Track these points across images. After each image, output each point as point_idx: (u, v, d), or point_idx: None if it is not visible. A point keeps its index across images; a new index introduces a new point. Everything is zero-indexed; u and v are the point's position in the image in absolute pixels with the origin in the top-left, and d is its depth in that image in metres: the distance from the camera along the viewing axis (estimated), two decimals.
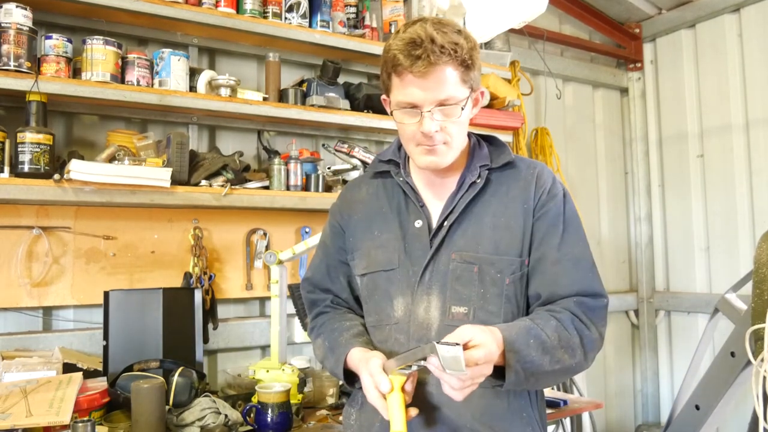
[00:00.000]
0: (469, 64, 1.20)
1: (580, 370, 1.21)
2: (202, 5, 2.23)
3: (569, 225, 1.27)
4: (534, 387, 1.26)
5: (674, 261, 3.80)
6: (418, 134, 1.22)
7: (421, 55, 1.15)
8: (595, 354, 1.22)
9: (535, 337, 1.13)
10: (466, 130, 1.29)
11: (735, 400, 2.08)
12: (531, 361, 1.12)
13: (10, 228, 2.06)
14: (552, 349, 1.14)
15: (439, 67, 1.16)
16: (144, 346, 2.06)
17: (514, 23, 2.44)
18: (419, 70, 1.16)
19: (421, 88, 1.17)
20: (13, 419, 1.52)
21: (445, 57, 1.16)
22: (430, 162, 1.25)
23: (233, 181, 2.22)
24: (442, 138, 1.22)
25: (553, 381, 1.22)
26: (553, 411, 2.20)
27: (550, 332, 1.15)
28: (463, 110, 1.22)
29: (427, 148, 1.23)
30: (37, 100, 1.90)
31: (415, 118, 1.21)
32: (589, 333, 1.20)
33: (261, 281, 2.53)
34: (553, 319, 1.18)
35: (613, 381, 3.84)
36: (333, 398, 2.20)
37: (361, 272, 1.35)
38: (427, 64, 1.15)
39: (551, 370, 1.15)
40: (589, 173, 3.86)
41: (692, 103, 3.67)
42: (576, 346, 1.17)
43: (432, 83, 1.17)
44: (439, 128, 1.20)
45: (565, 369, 1.17)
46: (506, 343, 1.10)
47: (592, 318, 1.21)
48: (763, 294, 1.81)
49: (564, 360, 1.16)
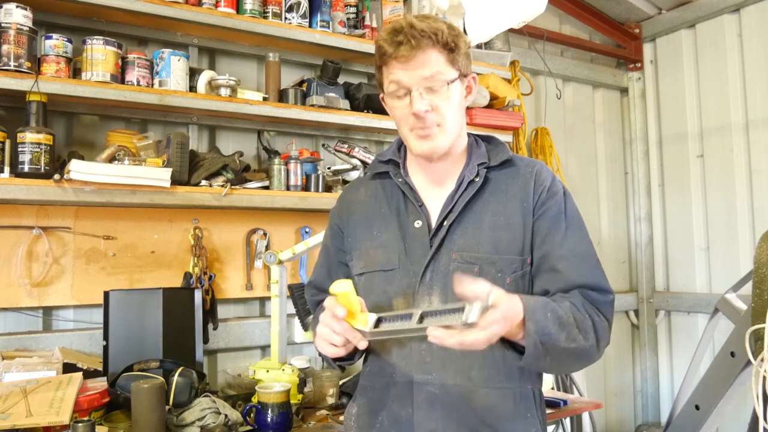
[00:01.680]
0: (452, 47, 1.23)
1: (593, 355, 1.19)
2: (202, 5, 2.23)
3: (571, 222, 1.28)
4: (548, 368, 1.22)
5: (674, 261, 3.80)
6: (410, 117, 1.23)
7: (402, 40, 1.20)
8: (605, 343, 1.21)
9: (552, 310, 1.12)
10: (461, 116, 1.29)
11: (735, 400, 2.08)
12: (549, 334, 1.09)
13: (10, 228, 2.06)
14: (568, 325, 1.13)
15: (421, 50, 1.20)
16: (144, 346, 2.06)
17: (514, 23, 2.43)
18: (402, 55, 1.20)
19: (406, 70, 1.22)
20: (13, 419, 1.52)
21: (425, 40, 1.20)
22: (426, 148, 1.25)
23: (233, 181, 2.22)
24: (435, 119, 1.23)
25: (567, 363, 1.20)
26: (553, 411, 2.20)
27: (567, 309, 1.15)
28: (450, 86, 1.23)
29: (420, 132, 1.24)
30: (37, 100, 1.90)
31: (405, 100, 1.24)
32: (599, 320, 1.20)
33: (261, 281, 2.53)
34: (567, 301, 1.18)
35: (613, 381, 3.84)
36: (333, 398, 2.20)
37: (359, 272, 1.35)
38: (410, 48, 1.19)
39: (567, 349, 1.12)
40: (589, 173, 3.86)
41: (692, 103, 3.67)
42: (589, 328, 1.17)
43: (416, 65, 1.21)
44: (429, 107, 1.22)
45: (579, 350, 1.15)
46: (526, 311, 1.08)
47: (600, 310, 1.22)
48: (763, 294, 1.81)
49: (578, 339, 1.14)
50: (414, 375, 1.23)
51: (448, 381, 1.21)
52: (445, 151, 1.28)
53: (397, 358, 1.25)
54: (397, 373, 1.25)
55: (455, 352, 1.18)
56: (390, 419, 1.25)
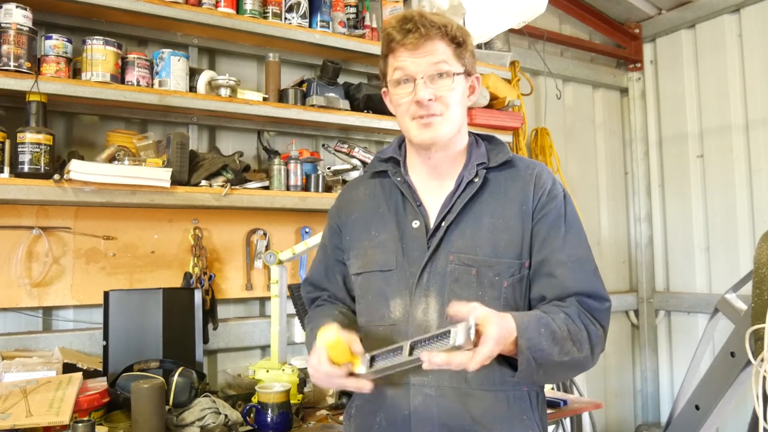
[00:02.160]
0: (460, 42, 1.25)
1: (587, 365, 1.21)
2: (202, 5, 2.23)
3: (571, 227, 1.27)
4: (542, 380, 1.25)
5: (674, 261, 3.80)
6: (412, 105, 1.24)
7: (412, 28, 1.21)
8: (599, 351, 1.22)
9: (545, 326, 1.13)
10: (463, 111, 1.30)
11: (735, 400, 2.08)
12: (542, 350, 1.10)
13: (10, 228, 2.06)
14: (562, 339, 1.14)
15: (429, 40, 1.22)
16: (144, 346, 2.06)
17: (514, 23, 2.43)
18: (411, 42, 1.21)
19: (413, 58, 1.23)
20: (13, 419, 1.52)
21: (434, 30, 1.21)
22: (427, 136, 1.25)
23: (233, 181, 2.22)
24: (438, 108, 1.24)
25: (561, 375, 1.22)
26: (553, 411, 2.20)
27: (560, 323, 1.15)
28: (455, 78, 1.24)
29: (422, 121, 1.24)
30: (37, 100, 1.90)
31: (408, 88, 1.24)
32: (595, 329, 1.20)
33: (261, 281, 2.53)
34: (562, 312, 1.18)
35: (613, 381, 3.84)
36: (333, 398, 2.20)
37: (357, 271, 1.35)
38: (418, 36, 1.21)
39: (560, 362, 1.13)
40: (589, 173, 3.86)
41: (692, 103, 3.67)
42: (584, 339, 1.17)
43: (423, 54, 1.22)
44: (433, 96, 1.22)
45: (573, 362, 1.16)
46: (519, 330, 1.09)
47: (596, 317, 1.22)
48: (763, 294, 1.81)
49: (573, 352, 1.15)
50: (411, 377, 1.23)
51: (444, 383, 1.21)
52: (445, 141, 1.27)
53: None
54: (393, 375, 1.25)
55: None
56: (387, 421, 1.25)
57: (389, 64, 1.27)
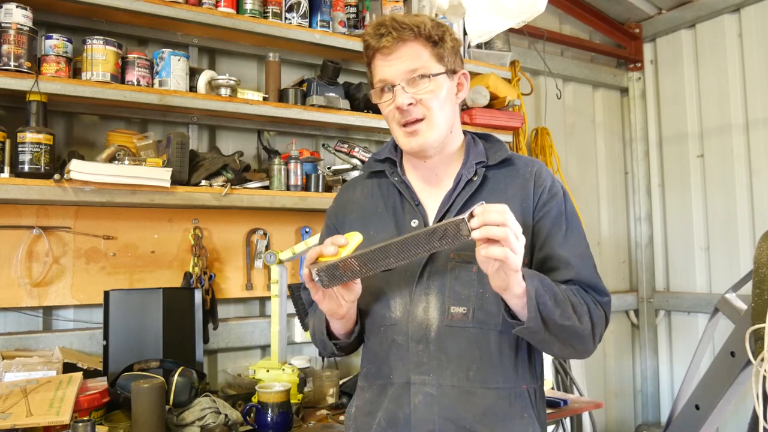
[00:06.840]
0: (436, 40, 1.23)
1: (586, 341, 1.19)
2: (202, 5, 2.23)
3: (571, 223, 1.28)
4: (544, 343, 1.19)
5: (674, 261, 3.80)
6: (395, 112, 1.24)
7: (384, 33, 1.21)
8: (599, 333, 1.21)
9: (548, 286, 1.13)
10: (450, 111, 1.28)
11: (735, 400, 2.08)
12: (545, 304, 1.10)
13: (10, 228, 2.06)
14: (563, 302, 1.14)
15: (402, 43, 1.22)
16: (144, 346, 2.06)
17: (514, 23, 2.43)
18: (385, 47, 1.22)
19: (388, 64, 1.23)
20: (13, 419, 1.52)
21: (407, 32, 1.21)
22: (414, 144, 1.25)
23: (233, 181, 2.22)
24: (419, 113, 1.23)
25: (561, 341, 1.17)
26: (553, 411, 2.20)
27: (563, 289, 1.16)
28: (435, 79, 1.22)
29: (407, 129, 1.24)
30: (37, 100, 1.90)
31: (390, 95, 1.24)
32: (596, 309, 1.21)
33: (261, 281, 2.53)
34: (563, 285, 1.19)
35: (613, 381, 3.84)
36: (333, 398, 2.20)
37: None
38: (391, 40, 1.21)
39: (561, 325, 1.13)
40: (589, 173, 3.86)
41: (692, 103, 3.67)
42: (584, 312, 1.17)
43: (398, 57, 1.22)
44: (412, 100, 1.22)
45: (572, 329, 1.15)
46: (526, 276, 1.09)
47: (598, 301, 1.23)
48: (763, 294, 1.81)
49: (573, 319, 1.14)
50: (411, 376, 1.23)
51: (445, 382, 1.21)
52: (435, 147, 1.27)
53: (394, 360, 1.25)
54: (394, 374, 1.25)
55: (452, 353, 1.19)
56: (387, 420, 1.25)
57: (372, 73, 1.29)
